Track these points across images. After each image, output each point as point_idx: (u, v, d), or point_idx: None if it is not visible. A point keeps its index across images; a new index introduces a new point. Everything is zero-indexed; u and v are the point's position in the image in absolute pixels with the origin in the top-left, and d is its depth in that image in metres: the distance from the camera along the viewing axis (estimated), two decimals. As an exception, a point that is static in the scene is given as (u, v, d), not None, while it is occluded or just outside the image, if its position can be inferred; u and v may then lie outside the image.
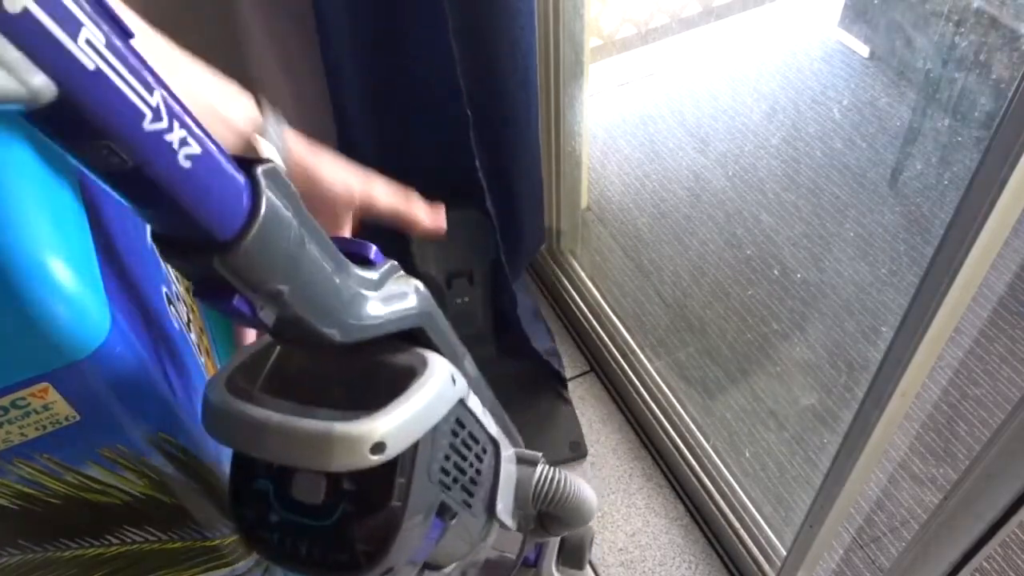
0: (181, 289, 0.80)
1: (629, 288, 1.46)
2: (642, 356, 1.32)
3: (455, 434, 0.51)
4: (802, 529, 0.93)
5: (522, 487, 0.66)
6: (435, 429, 0.48)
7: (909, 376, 0.69)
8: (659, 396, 1.28)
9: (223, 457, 0.69)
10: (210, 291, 0.38)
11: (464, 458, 0.53)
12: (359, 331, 0.45)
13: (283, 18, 1.03)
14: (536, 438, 0.85)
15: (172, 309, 0.68)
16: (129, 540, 0.62)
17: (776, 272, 1.42)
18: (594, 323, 1.39)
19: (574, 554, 0.97)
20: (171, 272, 0.77)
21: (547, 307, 1.49)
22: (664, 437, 1.26)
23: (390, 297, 0.47)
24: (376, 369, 0.48)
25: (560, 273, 1.47)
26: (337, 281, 0.43)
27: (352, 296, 0.44)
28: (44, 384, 0.45)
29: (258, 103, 0.54)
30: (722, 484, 1.17)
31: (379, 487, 0.47)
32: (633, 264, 1.51)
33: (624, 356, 1.34)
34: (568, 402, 1.34)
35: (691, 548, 1.19)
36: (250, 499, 0.49)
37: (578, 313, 1.42)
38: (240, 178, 0.36)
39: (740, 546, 1.13)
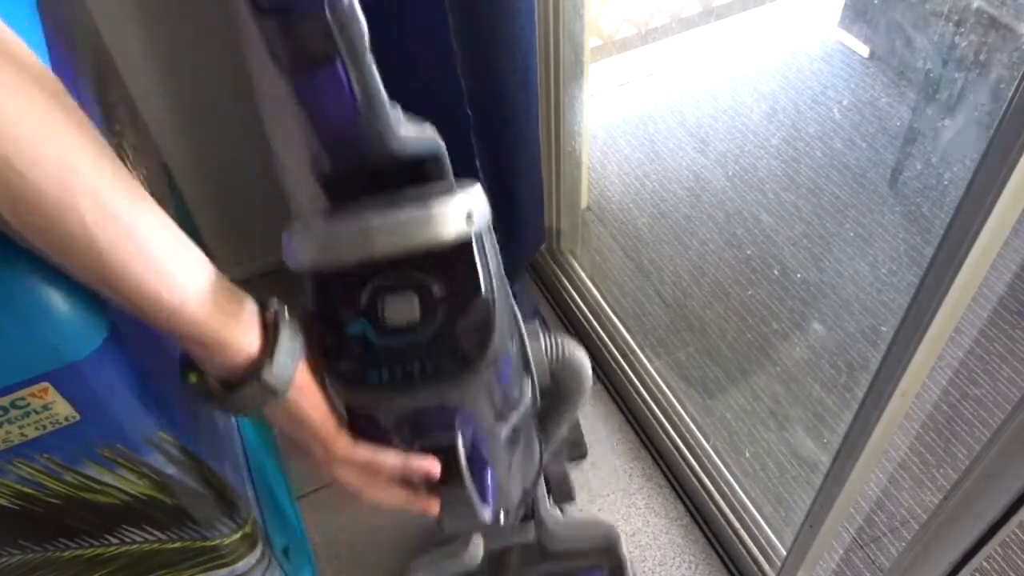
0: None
1: (629, 288, 1.46)
2: (642, 356, 1.32)
3: (494, 251, 0.56)
4: (802, 529, 0.93)
5: (537, 347, 0.74)
6: (484, 234, 0.54)
7: (909, 376, 0.69)
8: (659, 396, 1.28)
9: (223, 457, 0.69)
10: (315, 65, 0.45)
11: (502, 280, 0.58)
12: (405, 143, 0.51)
13: None
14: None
15: (172, 309, 0.68)
16: (129, 540, 0.62)
17: (776, 272, 1.42)
18: (594, 323, 1.39)
19: (561, 488, 1.12)
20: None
21: (547, 307, 1.49)
22: (664, 437, 1.26)
23: (415, 128, 0.53)
24: (419, 194, 0.52)
25: (560, 273, 1.47)
26: (384, 97, 0.49)
27: (391, 108, 0.50)
28: (44, 384, 0.45)
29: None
30: (722, 484, 1.17)
31: (466, 285, 0.52)
32: (633, 264, 1.51)
33: (624, 356, 1.34)
34: (579, 452, 1.31)
35: (691, 548, 1.19)
36: (347, 350, 0.52)
37: (578, 313, 1.42)
38: None
39: (740, 546, 1.13)
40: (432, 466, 0.57)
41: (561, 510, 1.14)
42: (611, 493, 1.26)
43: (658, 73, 1.88)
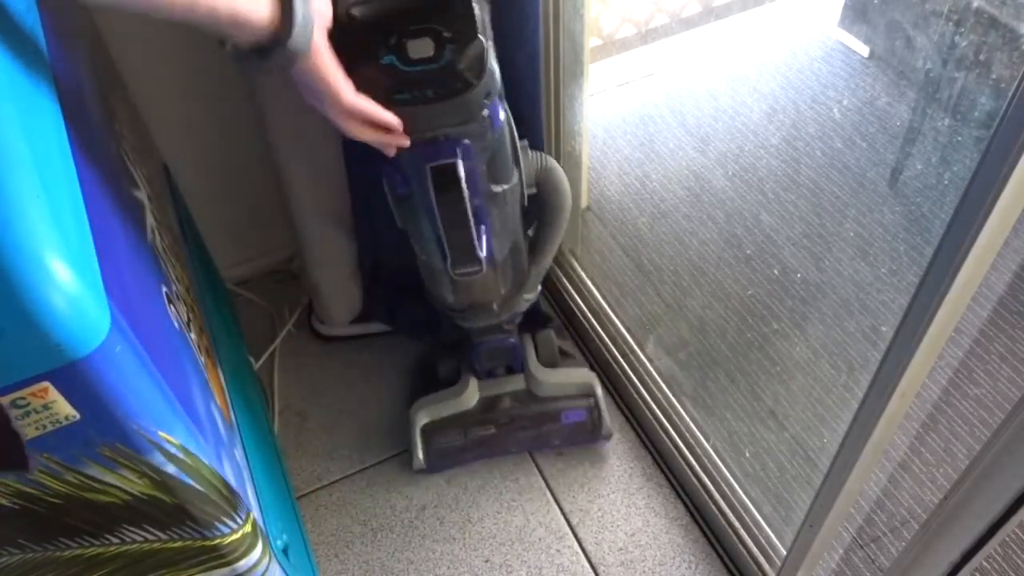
0: (181, 289, 0.80)
1: (629, 288, 1.46)
2: (642, 356, 1.32)
3: (487, 17, 0.79)
4: (802, 529, 0.93)
5: (525, 154, 0.99)
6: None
7: (909, 376, 0.69)
8: (659, 396, 1.28)
9: (223, 456, 0.69)
10: None
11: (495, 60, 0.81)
12: None
13: None
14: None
15: (172, 308, 0.68)
16: (129, 539, 0.62)
17: (776, 272, 1.42)
18: (594, 323, 1.39)
19: (547, 353, 1.31)
20: (171, 272, 0.77)
21: (547, 307, 1.49)
22: (664, 437, 1.26)
23: None
24: None
25: (560, 273, 1.47)
26: None
27: None
28: (44, 383, 0.45)
29: None
30: (722, 484, 1.17)
31: (467, 29, 0.73)
32: (633, 264, 1.51)
33: (624, 356, 1.34)
34: (570, 355, 1.41)
35: (691, 548, 1.19)
36: (382, 75, 0.74)
37: (578, 313, 1.42)
38: None
39: (740, 546, 1.13)
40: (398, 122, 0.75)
41: None
42: (611, 492, 1.26)
43: (658, 73, 1.88)
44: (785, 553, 1.02)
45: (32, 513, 0.55)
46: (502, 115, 0.87)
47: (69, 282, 0.44)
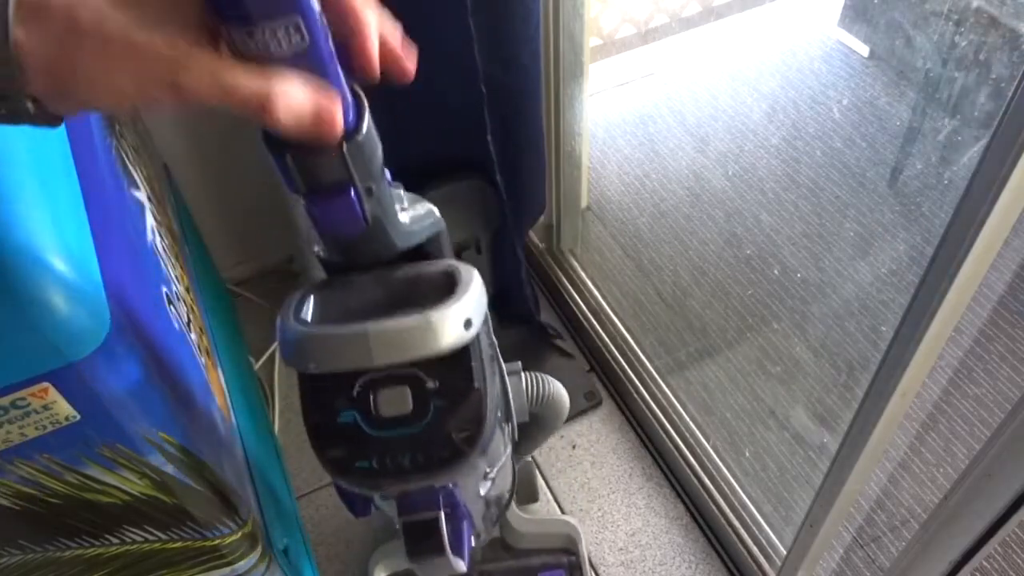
0: (181, 289, 0.80)
1: (629, 288, 1.46)
2: (642, 356, 1.32)
3: (487, 332, 0.57)
4: (802, 528, 0.93)
5: (518, 391, 0.77)
6: (481, 334, 0.54)
7: (909, 375, 0.69)
8: (659, 396, 1.28)
9: (223, 456, 0.69)
10: (326, 193, 0.46)
11: (493, 358, 0.59)
12: (407, 237, 0.53)
13: None
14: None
15: (172, 309, 0.68)
16: (129, 540, 0.62)
17: (776, 272, 1.42)
18: (594, 323, 1.39)
19: (526, 489, 1.15)
20: (171, 272, 0.77)
21: (547, 307, 1.49)
22: (664, 437, 1.26)
23: (416, 214, 0.55)
24: (416, 281, 0.54)
25: (560, 273, 1.47)
26: (391, 190, 0.51)
27: (395, 207, 0.52)
28: (44, 384, 0.45)
29: None
30: (722, 484, 1.17)
31: (460, 377, 0.52)
32: (633, 263, 1.51)
33: (624, 356, 1.34)
34: (572, 356, 1.38)
35: (691, 548, 1.19)
36: (337, 438, 0.52)
37: (578, 313, 1.42)
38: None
39: (740, 546, 1.13)
40: None
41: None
42: (611, 493, 1.26)
43: (658, 73, 1.88)
44: (785, 553, 1.02)
45: (32, 513, 0.55)
46: (501, 422, 0.67)
47: (69, 283, 0.44)
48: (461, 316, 0.50)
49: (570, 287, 1.45)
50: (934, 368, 0.72)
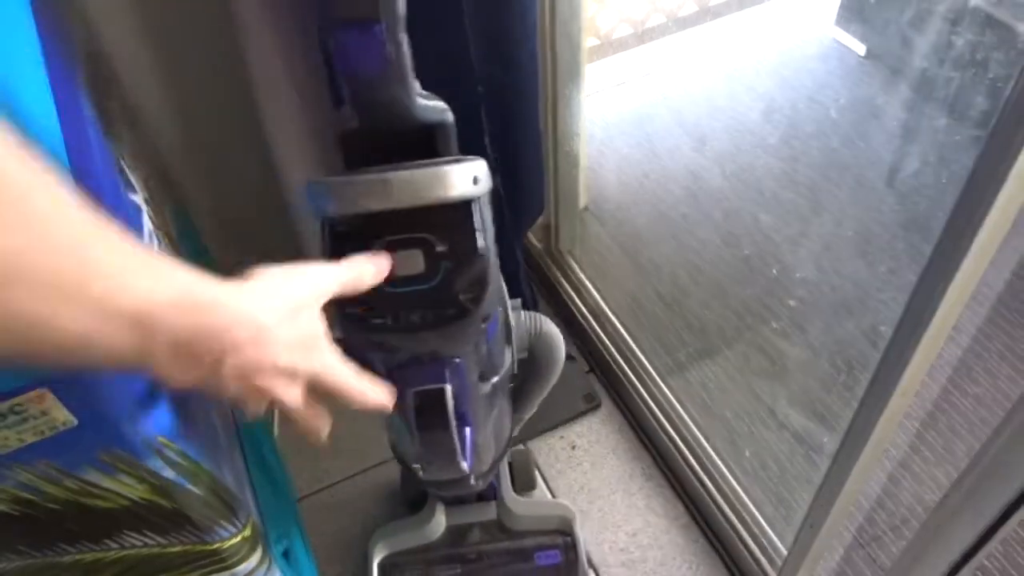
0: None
1: (628, 287, 1.46)
2: (641, 356, 1.32)
3: (490, 220, 0.65)
4: (803, 528, 0.93)
5: (518, 323, 0.84)
6: (484, 202, 0.63)
7: (909, 374, 0.69)
8: (659, 396, 1.28)
9: (222, 460, 0.68)
10: (358, 24, 0.54)
11: (497, 255, 0.66)
12: (421, 109, 0.61)
13: (282, 6, 1.03)
14: (549, 396, 0.98)
15: (170, 313, 0.68)
16: (128, 545, 0.62)
17: (775, 271, 1.42)
18: (593, 323, 1.39)
19: (524, 476, 1.23)
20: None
21: (545, 307, 1.49)
22: (664, 437, 1.25)
23: (429, 102, 0.63)
24: (428, 163, 0.61)
25: (559, 273, 1.47)
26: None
27: (410, 66, 0.59)
28: (42, 390, 0.45)
29: None
30: (722, 484, 1.17)
31: (466, 242, 0.60)
32: (632, 263, 1.51)
33: (623, 356, 1.34)
34: (572, 357, 1.37)
35: (692, 548, 1.19)
36: (357, 296, 0.57)
37: (576, 313, 1.42)
38: None
39: (741, 546, 1.13)
40: (385, 400, 0.57)
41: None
42: (611, 493, 1.26)
43: (655, 72, 1.88)
44: (786, 553, 1.02)
45: (31, 519, 0.55)
46: (500, 316, 0.74)
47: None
48: (470, 173, 0.59)
49: (568, 287, 1.45)
50: (933, 367, 0.72)
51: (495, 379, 0.77)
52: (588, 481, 1.28)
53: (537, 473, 1.28)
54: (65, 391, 0.46)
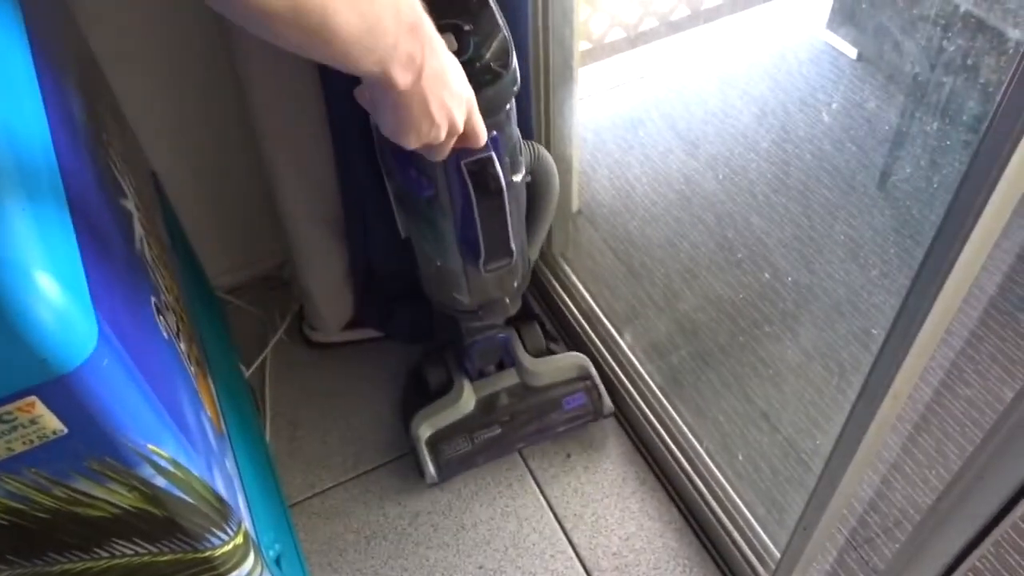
0: (170, 298, 0.79)
1: (621, 291, 1.46)
2: (634, 359, 1.32)
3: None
4: (796, 531, 0.93)
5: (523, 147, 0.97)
6: None
7: (901, 377, 0.69)
8: (651, 399, 1.28)
9: (213, 467, 0.68)
10: None
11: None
12: None
13: None
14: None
15: (161, 319, 0.67)
16: (119, 553, 0.62)
17: (767, 274, 1.42)
18: (586, 327, 1.39)
19: (534, 342, 1.32)
20: (160, 281, 0.76)
21: (539, 310, 1.49)
22: (657, 440, 1.25)
23: None
24: None
25: (551, 277, 1.47)
26: None
27: None
28: (31, 398, 0.45)
29: None
30: (715, 487, 1.17)
31: (487, 22, 0.78)
32: (624, 267, 1.51)
33: (616, 359, 1.34)
34: (555, 339, 1.41)
35: (685, 551, 1.19)
36: None
37: (570, 317, 1.42)
38: None
39: (734, 549, 1.13)
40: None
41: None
42: (605, 497, 1.26)
43: (648, 76, 1.89)
44: (779, 555, 1.02)
45: (20, 528, 0.54)
46: (512, 116, 0.88)
47: (55, 295, 0.43)
48: None
49: (561, 291, 1.45)
50: (926, 370, 0.72)
51: (518, 176, 0.93)
52: (581, 485, 1.28)
53: (535, 487, 1.29)
54: (54, 399, 0.46)
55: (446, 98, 0.61)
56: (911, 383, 0.71)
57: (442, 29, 0.67)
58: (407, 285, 1.31)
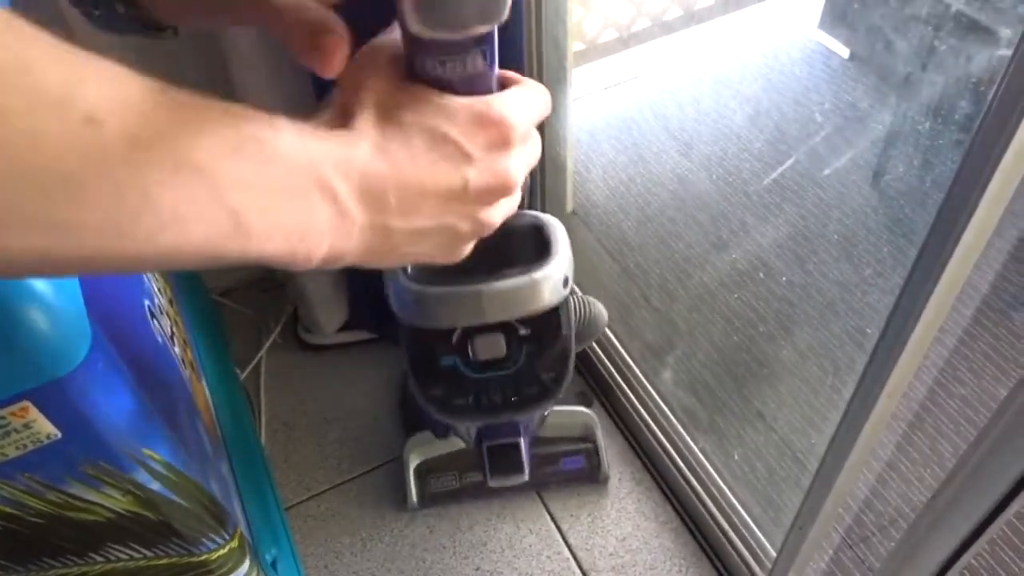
0: (164, 301, 0.79)
1: (615, 292, 1.46)
2: (629, 360, 1.32)
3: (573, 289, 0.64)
4: (792, 530, 0.93)
5: (572, 319, 0.81)
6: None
7: (896, 376, 0.69)
8: (647, 399, 1.28)
9: (209, 471, 0.68)
10: None
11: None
12: None
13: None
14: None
15: (155, 323, 0.67)
16: (114, 558, 0.61)
17: (761, 274, 1.43)
18: (581, 328, 1.39)
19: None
20: (153, 284, 0.76)
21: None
22: (653, 441, 1.26)
23: None
24: (507, 234, 0.54)
25: (547, 278, 1.47)
26: None
27: None
28: (24, 403, 0.45)
29: None
30: (711, 487, 1.17)
31: (550, 325, 0.60)
32: (619, 267, 1.52)
33: (611, 360, 1.34)
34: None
35: (681, 552, 1.19)
36: (439, 380, 0.59)
37: (565, 318, 1.42)
38: None
39: (730, 548, 1.13)
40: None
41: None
42: (600, 498, 1.26)
43: (641, 77, 1.89)
44: (775, 555, 1.02)
45: (14, 533, 0.54)
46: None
47: (48, 299, 0.43)
48: (561, 274, 0.57)
49: (557, 292, 1.45)
50: (920, 368, 0.72)
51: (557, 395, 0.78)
52: (578, 486, 1.27)
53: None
54: (48, 403, 0.46)
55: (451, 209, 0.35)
56: (905, 381, 0.71)
57: (490, 328, 0.58)
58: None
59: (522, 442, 0.69)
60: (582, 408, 1.26)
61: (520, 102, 0.36)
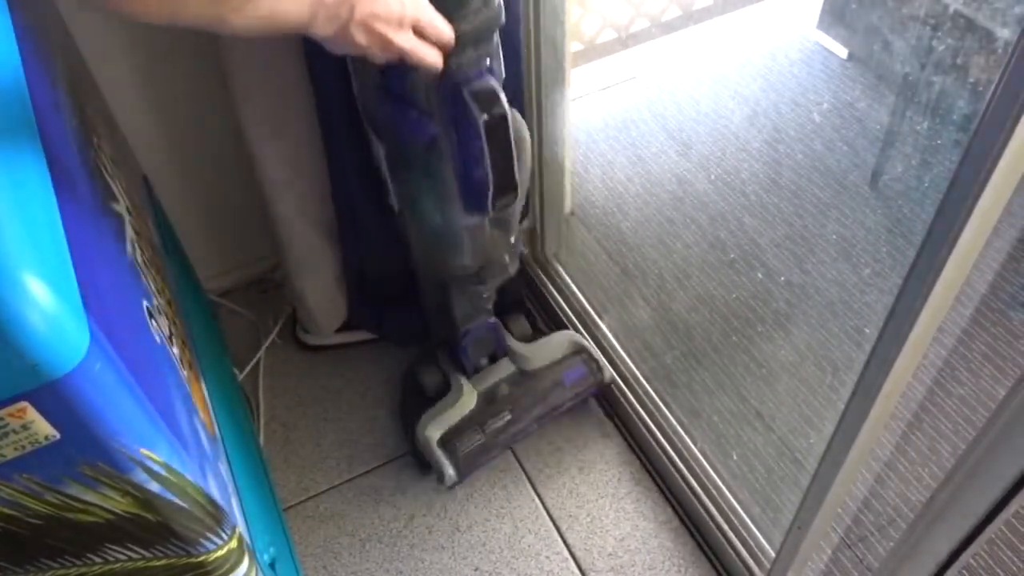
0: (162, 302, 0.79)
1: (614, 292, 1.46)
2: (628, 360, 1.32)
3: None
4: (790, 530, 0.93)
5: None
6: None
7: (894, 376, 0.69)
8: (645, 400, 1.28)
9: (207, 471, 0.68)
10: None
11: None
12: None
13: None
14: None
15: (153, 323, 0.67)
16: (112, 559, 0.61)
17: (760, 274, 1.43)
18: (579, 327, 1.39)
19: (521, 330, 1.34)
20: (151, 285, 0.76)
21: (534, 312, 1.49)
22: (652, 441, 1.26)
23: None
24: None
25: (545, 277, 1.47)
26: None
27: None
28: (23, 403, 0.45)
29: None
30: (710, 487, 1.17)
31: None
32: (618, 268, 1.52)
33: (610, 360, 1.34)
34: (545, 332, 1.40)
35: (680, 551, 1.19)
36: None
37: (563, 317, 1.42)
38: None
39: (729, 548, 1.13)
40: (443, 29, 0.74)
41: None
42: (600, 498, 1.26)
43: (640, 77, 1.89)
44: (774, 555, 1.02)
45: (12, 534, 0.54)
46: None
47: (46, 300, 0.43)
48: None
49: (555, 292, 1.45)
50: (918, 368, 0.72)
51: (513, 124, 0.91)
52: (576, 486, 1.28)
53: (529, 487, 1.29)
54: (46, 404, 0.45)
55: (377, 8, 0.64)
56: (904, 381, 0.71)
57: None
58: (400, 287, 1.31)
59: (495, 81, 0.84)
60: (561, 332, 1.32)
61: None
